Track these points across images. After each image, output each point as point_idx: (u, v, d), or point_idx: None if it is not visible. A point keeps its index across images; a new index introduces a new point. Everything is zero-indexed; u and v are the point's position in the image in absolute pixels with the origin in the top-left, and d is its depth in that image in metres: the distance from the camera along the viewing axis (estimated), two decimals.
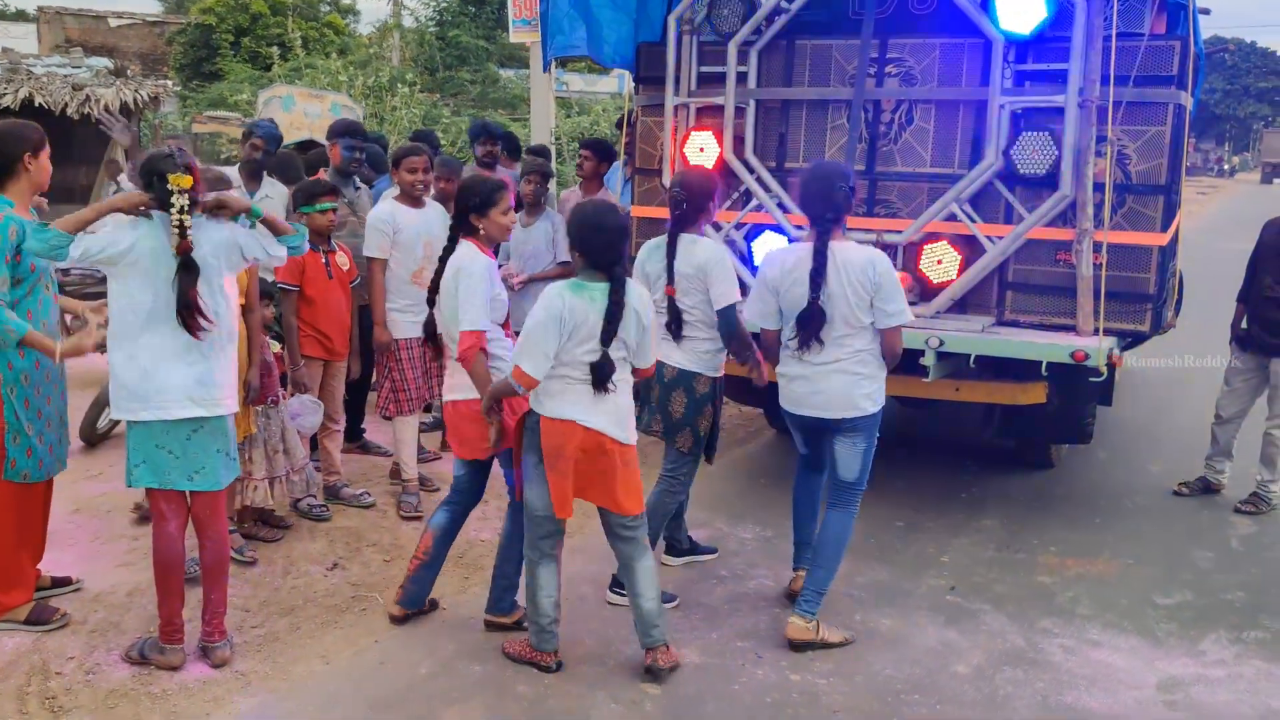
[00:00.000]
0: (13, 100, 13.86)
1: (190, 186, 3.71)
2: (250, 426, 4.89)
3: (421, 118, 18.41)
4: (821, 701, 3.93)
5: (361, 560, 5.07)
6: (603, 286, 3.84)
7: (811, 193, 4.24)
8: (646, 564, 4.05)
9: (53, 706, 3.73)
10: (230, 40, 24.20)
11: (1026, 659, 4.28)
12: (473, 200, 4.22)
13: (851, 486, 4.35)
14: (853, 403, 4.21)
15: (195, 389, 3.85)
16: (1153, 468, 6.84)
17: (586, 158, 6.84)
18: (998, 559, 5.32)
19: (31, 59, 16.51)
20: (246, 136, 6.83)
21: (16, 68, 14.88)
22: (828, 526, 4.38)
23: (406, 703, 3.85)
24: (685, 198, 4.53)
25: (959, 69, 5.47)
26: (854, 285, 4.11)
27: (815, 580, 4.34)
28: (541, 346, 3.79)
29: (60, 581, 4.58)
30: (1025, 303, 5.44)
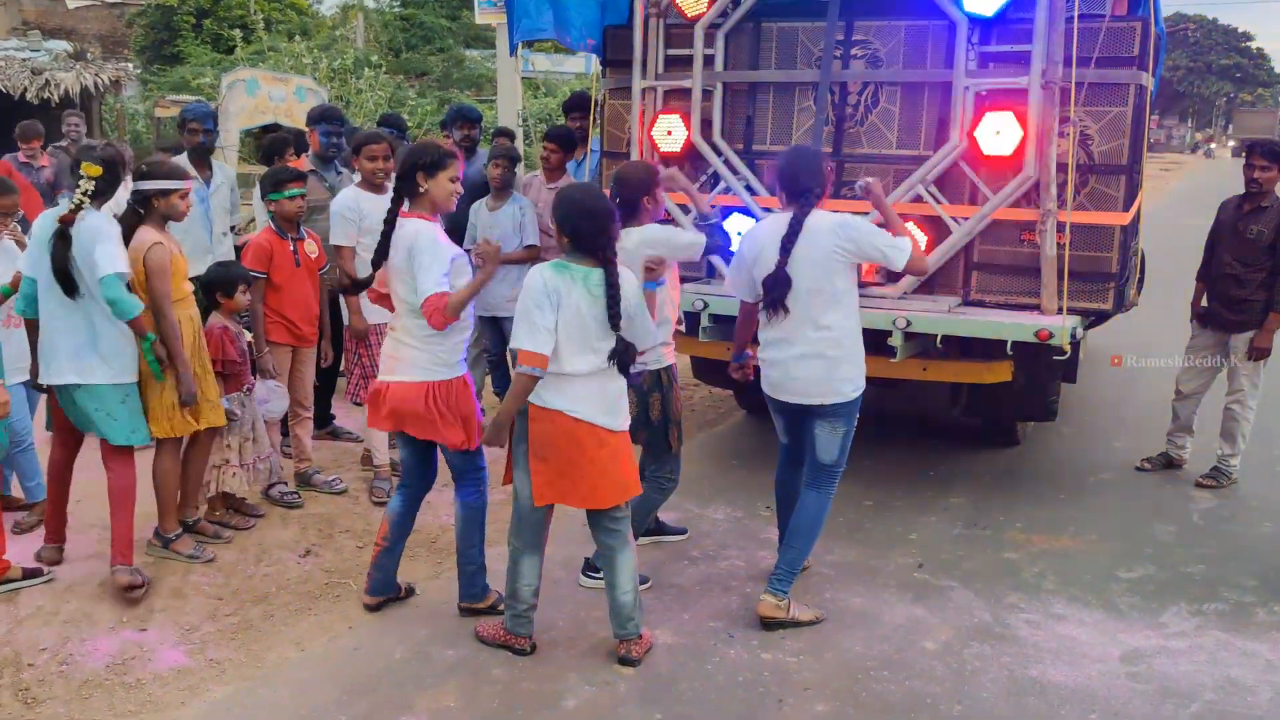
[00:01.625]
0: None
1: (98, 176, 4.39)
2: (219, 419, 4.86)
3: (387, 100, 18.28)
4: (793, 679, 3.98)
5: (334, 547, 5.08)
6: (586, 270, 3.85)
7: (794, 170, 4.26)
8: (627, 557, 4.07)
9: (26, 698, 3.73)
10: (191, 22, 23.89)
11: (993, 634, 4.36)
12: (425, 158, 4.09)
13: (830, 468, 4.39)
14: (832, 388, 4.25)
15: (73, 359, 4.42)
16: (1116, 444, 6.94)
17: (553, 150, 6.79)
18: (965, 536, 5.40)
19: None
20: (183, 124, 6.58)
21: None
22: (804, 507, 4.43)
23: (381, 688, 3.87)
24: (619, 193, 4.40)
25: (924, 51, 5.51)
26: (824, 250, 4.15)
27: (788, 560, 4.39)
28: (539, 322, 3.80)
29: (31, 573, 4.56)
30: (990, 283, 5.50)
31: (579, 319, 3.84)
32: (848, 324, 4.27)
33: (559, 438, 3.91)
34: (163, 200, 4.57)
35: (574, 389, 3.88)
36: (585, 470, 3.92)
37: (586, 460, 3.92)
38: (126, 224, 4.59)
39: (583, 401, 3.89)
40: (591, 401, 3.89)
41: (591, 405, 3.89)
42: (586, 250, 3.87)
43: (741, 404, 7.37)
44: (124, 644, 4.10)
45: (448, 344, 4.17)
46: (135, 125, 18.48)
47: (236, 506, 5.28)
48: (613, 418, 3.94)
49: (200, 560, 4.74)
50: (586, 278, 3.85)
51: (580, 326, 3.84)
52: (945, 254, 5.43)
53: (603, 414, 3.92)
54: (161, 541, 4.76)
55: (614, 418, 3.95)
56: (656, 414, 4.54)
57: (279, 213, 5.46)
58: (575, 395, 3.88)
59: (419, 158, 4.12)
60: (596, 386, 3.89)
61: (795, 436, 4.55)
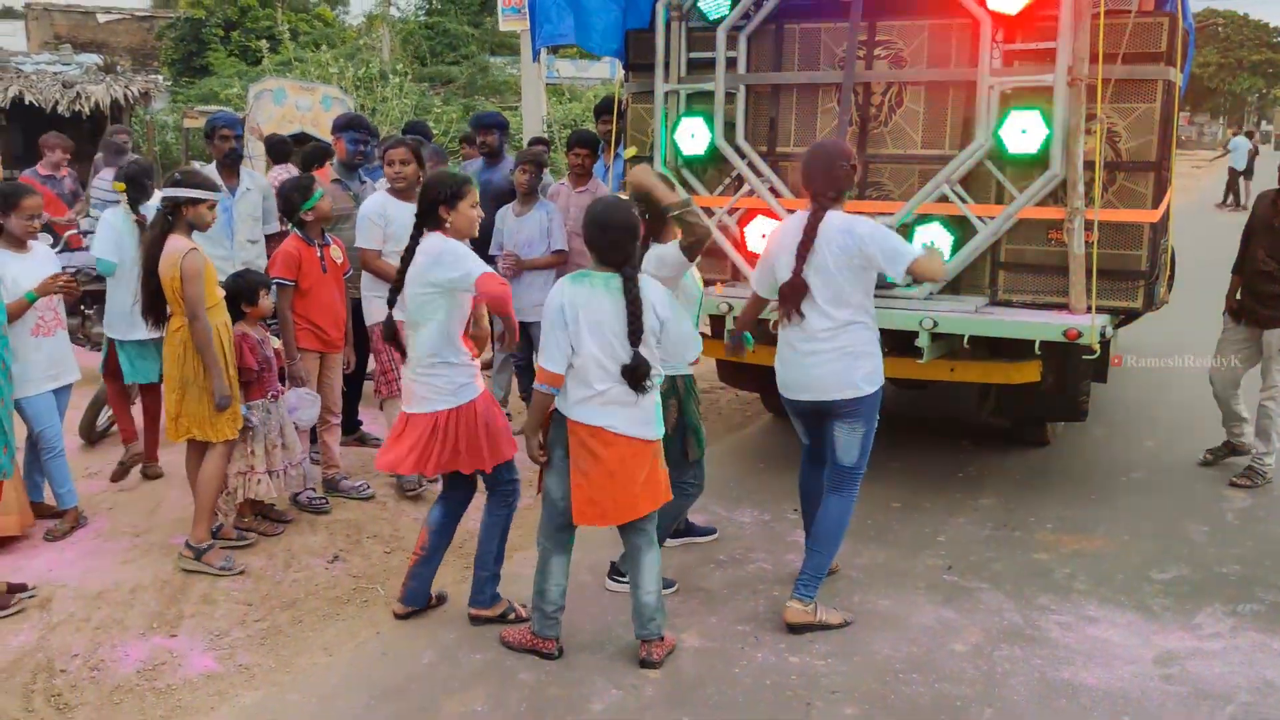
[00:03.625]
0: (2, 98, 13.84)
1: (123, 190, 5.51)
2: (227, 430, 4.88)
3: (412, 108, 18.38)
4: (821, 683, 3.96)
5: (362, 552, 5.10)
6: (606, 276, 3.86)
7: (813, 170, 4.25)
8: (651, 558, 4.06)
9: (58, 704, 3.76)
10: (220, 34, 24.14)
11: (1024, 636, 4.31)
12: (442, 192, 4.14)
13: (851, 471, 4.36)
14: (849, 383, 4.22)
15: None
16: (1147, 443, 6.86)
17: (585, 155, 6.79)
18: (994, 537, 5.35)
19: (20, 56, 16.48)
20: (211, 132, 6.56)
21: (6, 65, 14.85)
22: (827, 511, 4.40)
23: (409, 692, 3.88)
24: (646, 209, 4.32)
25: (948, 50, 5.48)
26: (834, 249, 4.13)
27: (813, 564, 4.36)
28: (553, 341, 3.88)
29: (16, 588, 4.54)
30: (1018, 282, 5.46)
31: (596, 327, 3.84)
32: (863, 321, 4.24)
33: (600, 452, 3.91)
34: (191, 209, 4.64)
35: (610, 405, 3.88)
36: (625, 485, 3.92)
37: (627, 476, 3.91)
38: (157, 230, 4.65)
39: (621, 417, 3.89)
40: (628, 415, 3.89)
41: (629, 419, 3.89)
42: (605, 262, 3.89)
43: (768, 407, 7.34)
44: (154, 650, 4.13)
45: (450, 371, 4.17)
46: (164, 137, 18.66)
47: (264, 512, 5.31)
48: (650, 428, 3.94)
49: (231, 573, 4.77)
50: (607, 282, 3.86)
51: (596, 335, 3.85)
52: (971, 253, 5.40)
53: (641, 426, 3.91)
54: (194, 553, 4.79)
55: (651, 428, 3.94)
56: (673, 421, 4.48)
57: (317, 215, 5.50)
58: (612, 411, 3.88)
59: (438, 192, 4.15)
60: (634, 399, 3.88)
61: (816, 437, 4.53)
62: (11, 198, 4.93)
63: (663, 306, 3.89)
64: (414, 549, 4.43)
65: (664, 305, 3.89)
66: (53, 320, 5.09)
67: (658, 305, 3.87)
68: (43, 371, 5.03)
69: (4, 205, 4.89)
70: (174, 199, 4.64)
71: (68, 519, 5.22)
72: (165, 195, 4.68)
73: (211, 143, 6.53)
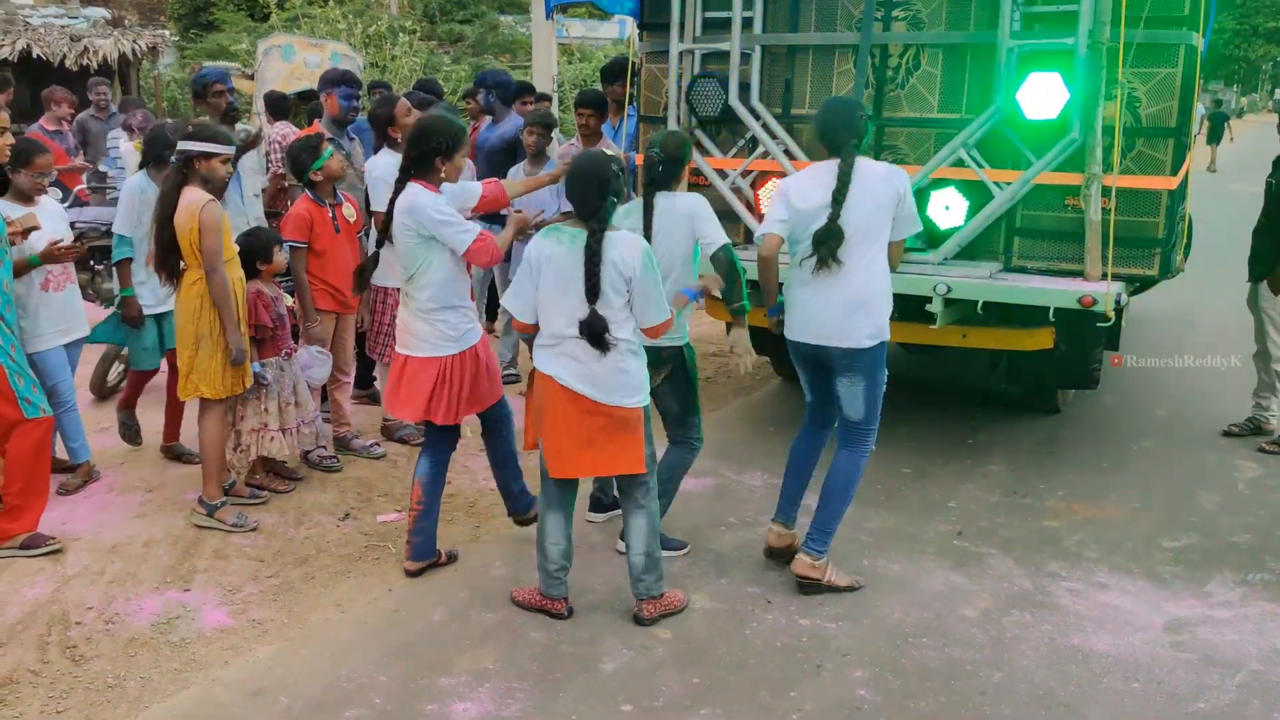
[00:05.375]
0: (10, 52, 13.75)
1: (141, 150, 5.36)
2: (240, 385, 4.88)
3: (422, 66, 18.24)
4: (831, 645, 3.98)
5: (373, 510, 5.12)
6: (575, 232, 3.86)
7: (831, 123, 4.22)
8: (639, 520, 4.07)
9: (73, 655, 3.79)
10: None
11: (1034, 602, 4.33)
12: (443, 142, 4.16)
13: (859, 426, 4.33)
14: (850, 334, 4.17)
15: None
16: (1159, 412, 6.85)
17: (590, 115, 6.75)
18: (1004, 504, 5.35)
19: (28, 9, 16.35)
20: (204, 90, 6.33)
21: (13, 19, 14.73)
22: (836, 466, 4.39)
23: (420, 650, 3.90)
24: (663, 159, 4.39)
25: (967, 12, 5.40)
26: (875, 195, 4.13)
27: (822, 519, 4.36)
28: (519, 290, 3.98)
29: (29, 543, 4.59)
30: (1033, 248, 5.42)
31: (561, 281, 3.85)
32: (878, 273, 4.22)
33: (550, 403, 3.96)
34: (204, 163, 4.62)
35: (563, 356, 3.90)
36: (576, 438, 3.94)
37: (578, 429, 3.92)
38: (171, 184, 4.63)
39: (569, 370, 3.89)
40: (577, 371, 3.89)
41: (576, 374, 3.89)
42: (578, 214, 3.88)
43: (778, 370, 7.33)
44: (168, 604, 4.15)
45: (453, 317, 4.22)
46: (171, 92, 18.55)
47: (276, 470, 5.33)
48: (603, 391, 3.89)
49: (244, 529, 4.79)
50: (574, 239, 3.85)
51: (561, 289, 3.85)
52: (987, 219, 5.35)
53: (589, 385, 3.88)
54: (206, 510, 4.81)
55: (605, 391, 3.89)
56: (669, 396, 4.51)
57: (327, 174, 5.47)
58: (563, 363, 3.91)
59: (438, 141, 4.15)
60: (585, 352, 3.86)
61: (820, 393, 4.49)
62: (24, 154, 4.91)
63: (631, 265, 3.81)
64: (410, 505, 4.45)
65: (634, 264, 3.81)
66: (62, 275, 5.07)
67: (623, 264, 3.80)
68: (53, 326, 5.03)
69: (16, 161, 4.87)
70: (187, 152, 4.62)
71: (80, 473, 5.25)
72: (179, 149, 4.65)
73: (204, 100, 6.35)
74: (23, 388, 4.45)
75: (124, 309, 5.34)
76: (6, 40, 13.86)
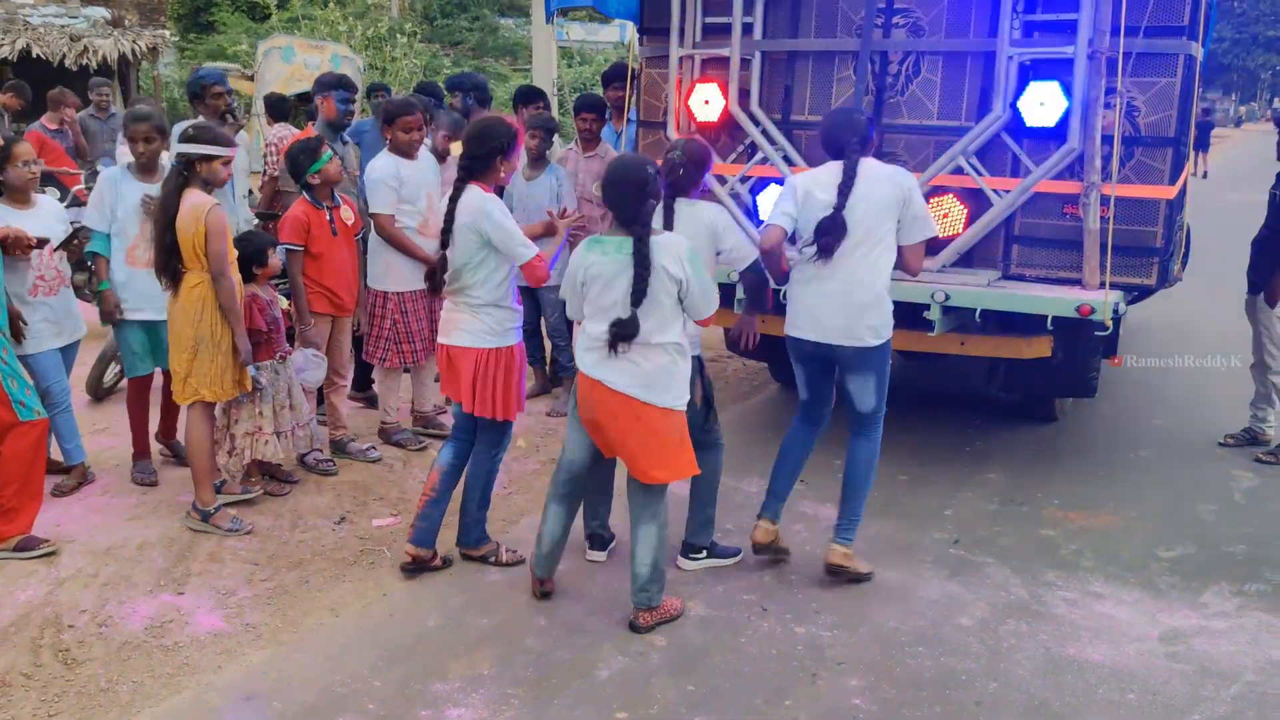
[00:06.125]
0: (10, 51, 13.73)
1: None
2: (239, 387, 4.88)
3: (422, 68, 18.24)
4: (826, 653, 3.97)
5: (369, 514, 5.11)
6: (619, 240, 3.87)
7: (832, 127, 4.30)
8: (646, 530, 4.07)
9: (66, 659, 3.77)
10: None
11: (1030, 611, 4.32)
12: (503, 142, 4.26)
13: (871, 415, 4.41)
14: (857, 333, 4.24)
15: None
16: (1156, 421, 6.85)
17: (593, 120, 6.75)
18: (1001, 512, 5.34)
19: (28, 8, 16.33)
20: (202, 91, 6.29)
21: (14, 18, 14.71)
22: (854, 455, 4.46)
23: (415, 654, 3.89)
24: (684, 163, 4.38)
25: (967, 20, 5.40)
26: (880, 194, 4.18)
27: (851, 508, 4.45)
28: (571, 302, 4.10)
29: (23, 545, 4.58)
30: (1031, 256, 5.42)
31: (608, 291, 3.89)
32: (883, 272, 4.27)
33: (598, 407, 3.98)
34: (205, 165, 4.61)
35: (608, 359, 3.92)
36: (625, 442, 3.98)
37: (623, 431, 3.96)
38: (171, 187, 4.61)
39: (619, 373, 3.91)
40: (628, 373, 3.90)
41: (628, 377, 3.90)
42: (619, 220, 3.91)
43: (775, 376, 7.32)
44: (162, 607, 4.14)
45: (499, 313, 4.28)
46: (171, 93, 18.53)
47: (271, 473, 5.31)
48: (654, 392, 3.91)
49: (240, 533, 4.77)
50: (618, 248, 3.86)
51: (609, 297, 3.88)
52: (986, 226, 5.35)
53: (640, 387, 3.91)
54: (200, 515, 4.79)
55: (656, 393, 3.92)
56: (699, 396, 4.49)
57: (324, 179, 5.45)
58: (612, 366, 3.92)
59: (499, 142, 4.25)
60: (640, 356, 3.89)
61: (815, 392, 4.52)
62: (4, 150, 4.87)
63: (680, 264, 3.85)
64: (424, 489, 4.46)
65: (683, 262, 3.86)
66: (55, 279, 5.04)
67: (672, 265, 3.84)
68: (48, 329, 5.00)
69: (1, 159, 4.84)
70: (187, 155, 4.60)
71: (75, 474, 5.23)
72: (179, 151, 4.64)
73: (202, 102, 6.31)
74: (16, 390, 4.44)
75: (101, 304, 5.20)
76: (6, 39, 13.84)
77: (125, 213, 5.08)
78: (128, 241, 5.08)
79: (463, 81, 7.55)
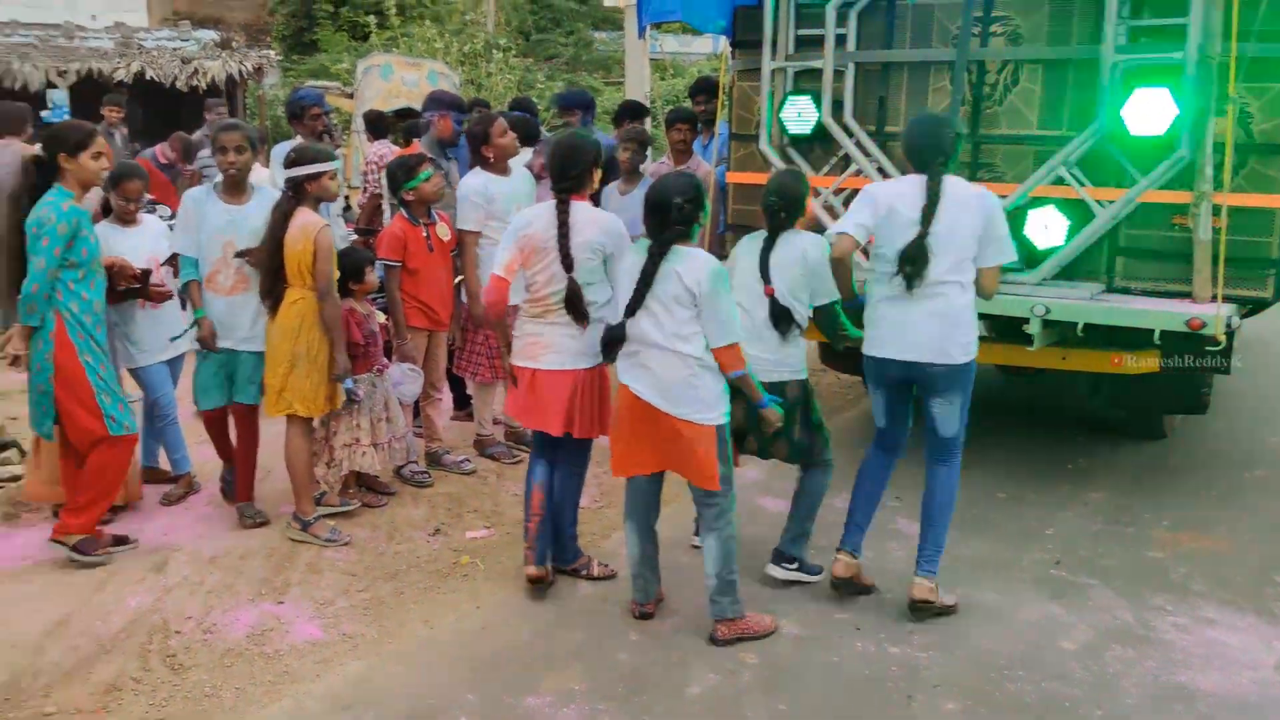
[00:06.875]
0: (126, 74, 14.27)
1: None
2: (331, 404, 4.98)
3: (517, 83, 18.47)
4: (921, 675, 3.88)
5: (463, 526, 5.17)
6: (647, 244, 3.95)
7: (918, 141, 4.18)
8: (710, 543, 4.07)
9: (173, 664, 3.88)
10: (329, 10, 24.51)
11: (1136, 636, 4.17)
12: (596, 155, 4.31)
13: (952, 441, 4.29)
14: (944, 350, 4.12)
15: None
16: (1272, 439, 6.58)
17: (688, 130, 6.75)
18: (1106, 532, 5.18)
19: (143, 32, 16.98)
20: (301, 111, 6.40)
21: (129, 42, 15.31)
22: (935, 482, 4.33)
23: (507, 668, 3.91)
24: (783, 206, 4.33)
25: (1069, 27, 5.28)
26: (964, 216, 4.06)
27: (934, 538, 4.32)
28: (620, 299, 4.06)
29: (119, 540, 4.77)
30: (1137, 269, 5.26)
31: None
32: (969, 290, 4.15)
33: (623, 411, 4.05)
34: (314, 183, 4.73)
35: (638, 367, 3.97)
36: (641, 438, 4.02)
37: (639, 430, 4.01)
38: (282, 209, 4.73)
39: (641, 380, 3.96)
40: (649, 380, 3.94)
41: (648, 384, 3.94)
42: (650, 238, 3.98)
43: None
44: (263, 615, 4.24)
45: (597, 330, 4.24)
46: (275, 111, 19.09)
47: (369, 485, 5.41)
48: (672, 402, 3.91)
49: (338, 544, 4.87)
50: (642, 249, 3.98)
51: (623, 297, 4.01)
52: (1089, 238, 5.21)
53: (660, 396, 3.92)
54: (300, 524, 4.90)
55: (674, 403, 3.91)
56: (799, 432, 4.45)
57: (419, 197, 5.55)
58: (637, 373, 3.97)
59: (593, 156, 4.30)
60: (656, 364, 3.91)
61: (895, 417, 4.41)
62: (117, 178, 5.07)
63: (698, 280, 3.83)
64: (531, 512, 4.45)
65: (701, 278, 3.83)
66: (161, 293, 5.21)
67: (687, 273, 3.84)
68: (154, 342, 5.18)
69: (111, 183, 5.05)
70: (295, 178, 4.73)
71: (182, 484, 5.40)
72: (287, 177, 4.75)
73: (301, 122, 6.44)
74: (109, 405, 4.52)
75: (199, 330, 4.92)
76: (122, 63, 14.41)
77: (208, 236, 4.87)
78: (209, 266, 4.90)
79: (577, 100, 7.54)
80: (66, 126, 4.58)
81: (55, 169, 4.44)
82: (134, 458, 5.15)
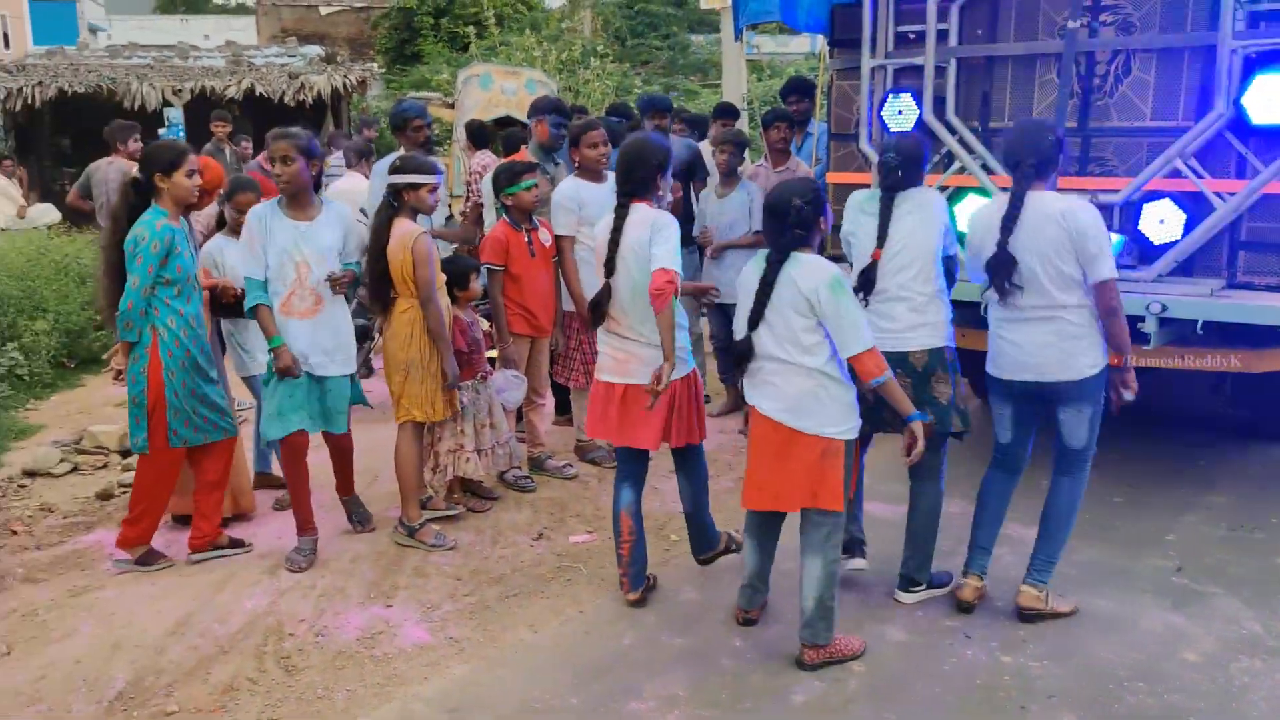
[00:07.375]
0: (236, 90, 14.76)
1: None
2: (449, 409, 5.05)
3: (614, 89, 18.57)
4: (1035, 685, 3.77)
5: (566, 530, 5.20)
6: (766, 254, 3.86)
7: (1014, 143, 4.07)
8: (813, 565, 3.90)
9: (287, 666, 3.98)
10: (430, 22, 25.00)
11: (1265, 648, 3.99)
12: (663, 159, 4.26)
13: (1080, 453, 4.15)
14: (1070, 365, 4.00)
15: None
16: None
17: (786, 129, 6.69)
18: (1231, 538, 4.97)
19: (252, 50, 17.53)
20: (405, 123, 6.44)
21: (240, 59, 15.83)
22: (1057, 493, 4.22)
23: (611, 673, 3.92)
24: (900, 163, 4.21)
25: (1183, 13, 5.08)
26: (1046, 238, 3.92)
27: (1049, 549, 4.21)
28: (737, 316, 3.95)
29: (235, 543, 4.93)
30: (1261, 263, 5.03)
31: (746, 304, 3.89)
32: (1085, 304, 3.99)
33: (755, 433, 3.94)
34: (412, 193, 4.80)
35: (762, 384, 3.88)
36: (773, 469, 3.87)
37: (771, 456, 3.86)
38: (383, 216, 4.83)
39: (766, 397, 3.86)
40: (774, 396, 3.84)
41: (774, 401, 3.84)
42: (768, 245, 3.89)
43: (977, 392, 7.04)
44: (372, 619, 4.32)
45: (683, 336, 4.20)
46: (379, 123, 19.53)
47: (473, 489, 5.48)
48: (800, 417, 3.79)
49: (444, 548, 4.93)
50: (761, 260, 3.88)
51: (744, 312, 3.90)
52: (1208, 232, 5.01)
53: (787, 412, 3.80)
54: (407, 530, 4.98)
55: (801, 417, 3.79)
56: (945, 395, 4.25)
57: (516, 204, 5.60)
58: (763, 391, 3.87)
59: (658, 160, 4.24)
60: (780, 379, 3.81)
61: (1019, 433, 4.28)
62: (233, 191, 5.24)
63: (815, 288, 3.69)
64: (622, 536, 4.40)
65: (818, 286, 3.69)
66: None
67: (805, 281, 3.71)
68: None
69: (224, 197, 5.21)
70: (395, 185, 4.82)
71: None
72: (389, 182, 4.85)
73: (403, 133, 6.53)
74: (175, 421, 4.60)
75: (276, 360, 4.67)
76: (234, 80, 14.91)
77: (276, 255, 4.64)
78: (285, 287, 4.67)
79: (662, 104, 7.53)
80: (160, 147, 4.70)
81: (153, 188, 4.58)
82: (245, 474, 5.32)
